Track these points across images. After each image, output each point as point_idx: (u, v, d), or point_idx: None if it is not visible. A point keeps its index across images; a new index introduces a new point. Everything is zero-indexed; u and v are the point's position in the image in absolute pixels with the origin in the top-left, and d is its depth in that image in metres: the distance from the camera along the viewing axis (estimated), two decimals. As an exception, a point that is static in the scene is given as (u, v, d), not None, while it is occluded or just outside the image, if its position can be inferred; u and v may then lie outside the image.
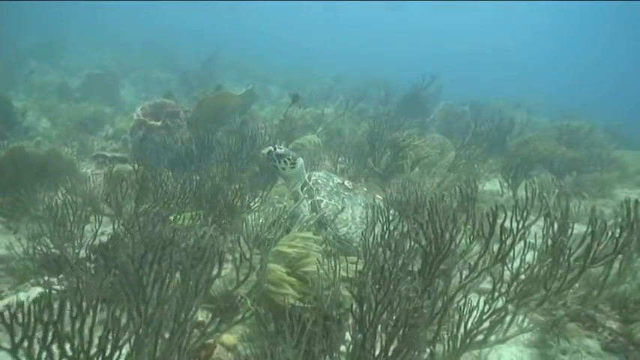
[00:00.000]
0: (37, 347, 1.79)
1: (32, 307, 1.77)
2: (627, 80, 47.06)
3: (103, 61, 20.45)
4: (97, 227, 3.63)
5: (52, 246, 3.85)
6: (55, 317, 1.78)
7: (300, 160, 4.91)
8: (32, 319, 1.76)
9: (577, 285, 3.23)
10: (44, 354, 1.78)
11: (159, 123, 7.29)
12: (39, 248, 4.16)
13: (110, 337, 1.87)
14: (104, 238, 3.79)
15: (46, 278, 3.81)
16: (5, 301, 3.61)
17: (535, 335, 3.82)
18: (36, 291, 3.78)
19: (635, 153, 11.86)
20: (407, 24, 66.91)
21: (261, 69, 23.34)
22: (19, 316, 1.77)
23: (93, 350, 1.88)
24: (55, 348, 1.81)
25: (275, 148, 4.74)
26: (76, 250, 3.63)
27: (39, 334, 1.78)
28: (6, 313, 1.77)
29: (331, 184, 4.76)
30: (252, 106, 10.82)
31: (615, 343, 3.89)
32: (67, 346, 1.84)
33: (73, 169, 5.66)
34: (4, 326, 1.74)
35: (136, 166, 4.52)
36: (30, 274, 4.16)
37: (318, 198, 4.57)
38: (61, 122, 11.00)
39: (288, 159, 4.74)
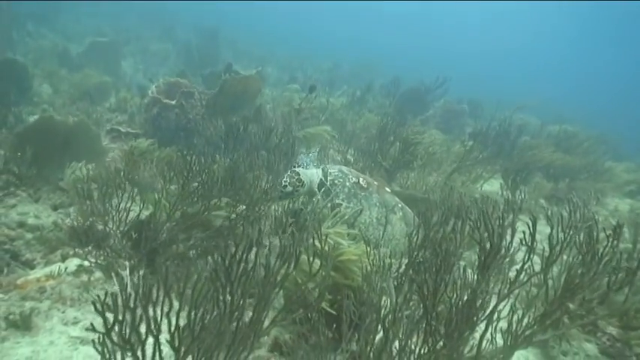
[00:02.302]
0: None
1: (121, 294, 1.92)
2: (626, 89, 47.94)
3: (101, 29, 20.13)
4: (141, 206, 3.77)
5: (80, 219, 3.97)
6: (143, 303, 1.92)
7: (301, 172, 4.72)
8: (121, 305, 1.90)
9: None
10: (133, 335, 1.94)
11: (173, 102, 7.36)
12: (70, 220, 4.31)
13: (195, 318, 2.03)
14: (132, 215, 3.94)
15: (76, 250, 3.95)
16: (47, 270, 3.74)
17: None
18: (73, 262, 3.92)
19: (624, 165, 12.28)
20: (406, 16, 66.38)
21: (259, 50, 23.24)
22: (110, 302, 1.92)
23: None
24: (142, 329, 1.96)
25: (282, 191, 4.49)
26: (118, 226, 3.75)
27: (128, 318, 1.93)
28: (96, 299, 1.92)
29: (348, 184, 4.72)
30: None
31: (613, 349, 4.18)
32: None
33: (97, 142, 5.73)
34: (96, 312, 1.89)
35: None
36: (60, 245, 4.30)
37: (337, 201, 4.55)
38: (63, 90, 10.94)
39: (297, 187, 4.55)
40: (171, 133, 7.20)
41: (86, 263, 3.80)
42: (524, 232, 2.77)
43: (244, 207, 4.07)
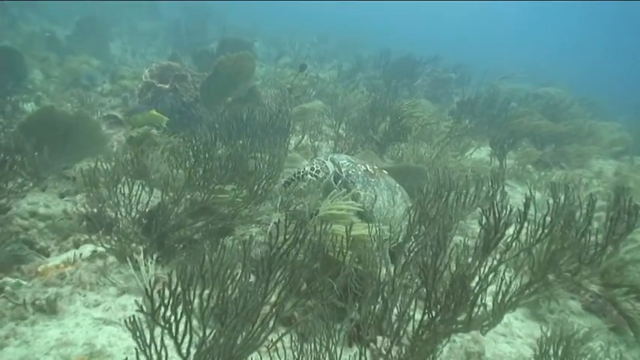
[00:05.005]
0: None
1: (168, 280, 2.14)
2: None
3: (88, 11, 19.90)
4: (150, 195, 3.98)
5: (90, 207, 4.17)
6: (184, 289, 2.15)
7: (325, 161, 4.91)
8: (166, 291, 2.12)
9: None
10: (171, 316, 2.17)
11: (167, 86, 7.49)
12: (79, 207, 4.51)
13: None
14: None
15: (91, 236, 4.17)
16: (63, 257, 3.96)
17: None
18: (87, 248, 4.14)
19: (609, 124, 12.52)
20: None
21: (245, 23, 23.03)
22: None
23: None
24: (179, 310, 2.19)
25: (316, 176, 4.72)
26: (129, 213, 3.97)
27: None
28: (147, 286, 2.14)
29: (360, 173, 4.76)
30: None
31: (595, 305, 4.50)
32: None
33: (98, 131, 5.89)
34: (146, 296, 2.12)
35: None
36: (72, 232, 4.51)
37: (355, 191, 4.55)
38: (54, 76, 10.97)
39: (326, 173, 4.75)
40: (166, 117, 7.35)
41: (100, 249, 4.02)
42: (519, 210, 2.97)
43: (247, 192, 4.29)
